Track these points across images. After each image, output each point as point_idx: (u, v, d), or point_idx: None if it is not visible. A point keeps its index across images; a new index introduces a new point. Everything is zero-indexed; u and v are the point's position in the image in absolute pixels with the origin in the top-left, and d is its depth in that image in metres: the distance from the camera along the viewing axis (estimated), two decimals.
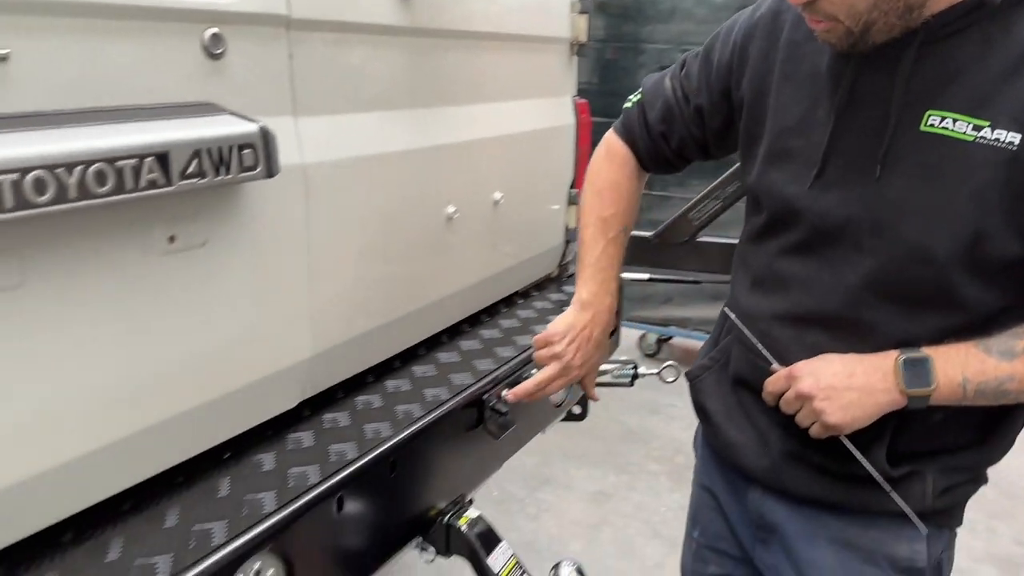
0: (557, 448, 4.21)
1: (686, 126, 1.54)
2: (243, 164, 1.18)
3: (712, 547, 1.64)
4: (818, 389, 1.23)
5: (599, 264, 1.60)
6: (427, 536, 1.63)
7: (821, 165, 1.26)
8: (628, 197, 1.65)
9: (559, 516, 3.67)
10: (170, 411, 1.25)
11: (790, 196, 1.30)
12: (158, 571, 1.11)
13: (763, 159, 1.36)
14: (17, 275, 1.01)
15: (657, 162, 1.63)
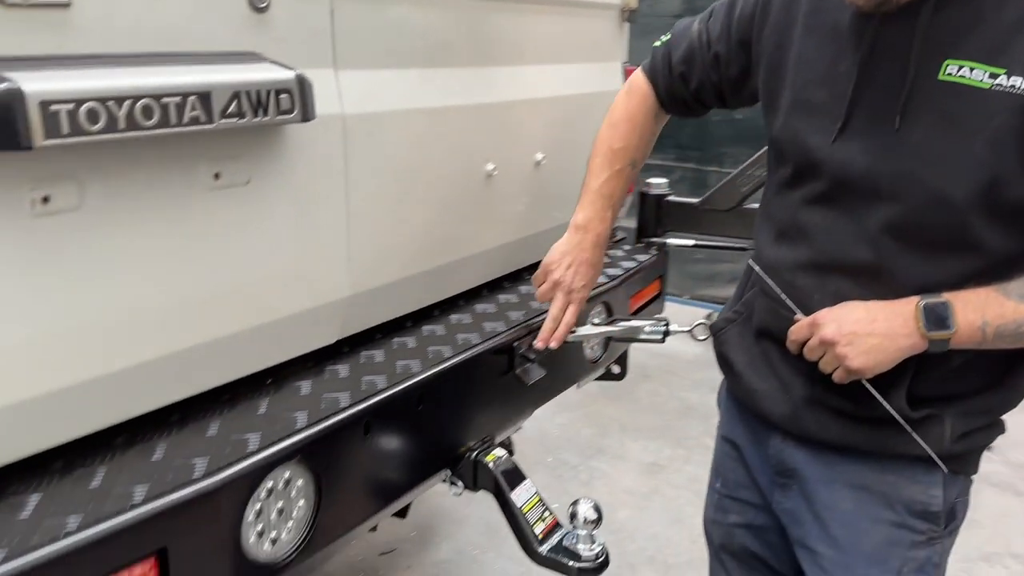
0: (614, 421, 4.27)
1: (704, 70, 1.60)
2: (280, 108, 1.29)
3: (733, 496, 1.68)
4: (841, 335, 1.27)
5: (600, 192, 1.70)
6: (455, 470, 1.73)
7: (845, 118, 1.31)
8: (640, 132, 1.71)
9: (611, 484, 3.73)
10: (213, 334, 1.37)
11: (813, 147, 1.35)
12: (196, 470, 1.23)
13: (787, 110, 1.40)
14: (76, 198, 1.14)
15: (675, 102, 1.69)
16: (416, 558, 3.18)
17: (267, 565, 1.33)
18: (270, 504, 1.32)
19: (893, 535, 1.41)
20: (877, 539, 1.41)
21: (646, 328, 1.91)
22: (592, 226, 1.72)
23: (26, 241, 1.10)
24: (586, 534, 1.66)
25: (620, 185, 1.74)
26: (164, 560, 1.16)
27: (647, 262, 2.40)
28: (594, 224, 1.72)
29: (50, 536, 1.05)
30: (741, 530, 1.68)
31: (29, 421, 1.15)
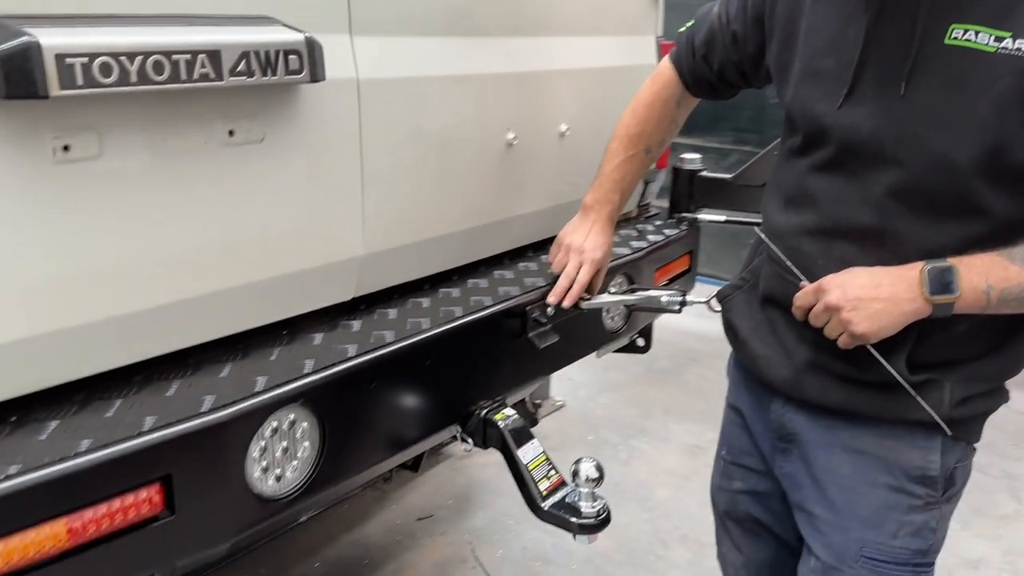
0: (658, 403, 4.28)
1: (725, 50, 1.63)
2: (289, 68, 1.36)
3: (737, 463, 1.71)
4: (846, 300, 1.29)
5: (611, 175, 1.78)
6: (465, 428, 1.79)
7: (851, 83, 1.32)
8: (658, 119, 1.76)
9: (651, 464, 3.75)
10: (228, 283, 1.46)
11: (820, 113, 1.36)
12: (203, 404, 1.32)
13: (796, 80, 1.42)
14: (96, 147, 1.24)
15: (700, 84, 1.72)
16: (451, 525, 3.26)
17: (271, 499, 1.41)
18: (275, 443, 1.40)
19: (890, 499, 1.41)
20: (874, 502, 1.42)
21: (663, 298, 1.94)
22: (599, 206, 1.82)
23: (48, 186, 1.20)
24: (588, 492, 1.70)
25: (632, 169, 1.80)
26: (169, 486, 1.25)
27: (674, 236, 2.42)
28: (601, 204, 1.81)
29: (60, 455, 1.15)
30: (744, 496, 1.70)
31: (49, 355, 1.25)
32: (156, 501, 1.25)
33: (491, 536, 3.18)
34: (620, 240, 2.34)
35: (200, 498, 1.30)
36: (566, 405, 4.22)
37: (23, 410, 1.27)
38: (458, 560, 3.07)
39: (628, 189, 1.84)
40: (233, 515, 1.37)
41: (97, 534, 1.19)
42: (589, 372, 4.57)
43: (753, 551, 1.73)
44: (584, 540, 1.72)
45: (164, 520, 1.26)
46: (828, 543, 1.46)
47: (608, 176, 1.81)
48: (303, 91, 1.48)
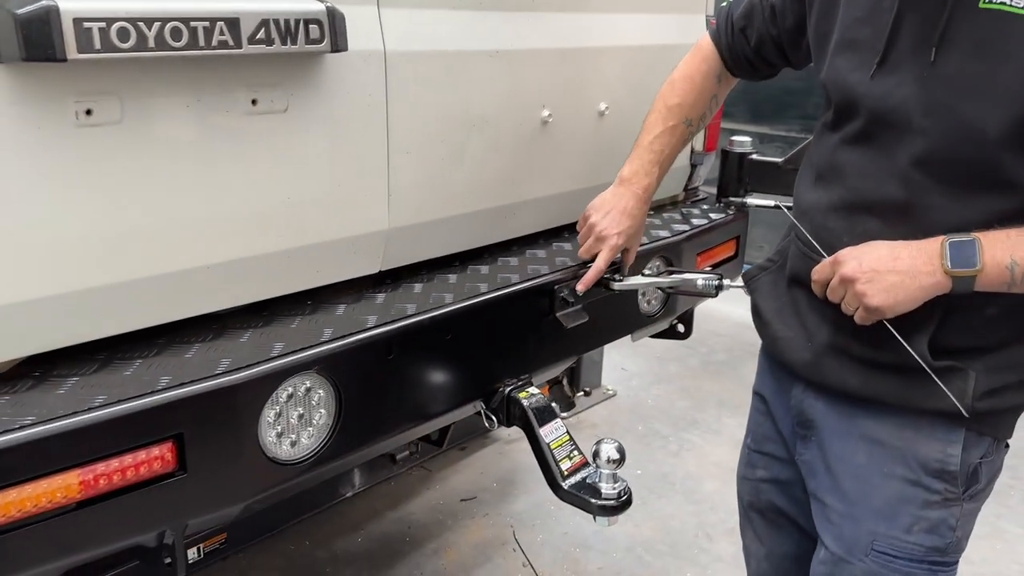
0: (713, 396, 4.20)
1: (764, 24, 1.58)
2: (309, 37, 1.37)
3: (760, 451, 1.66)
4: (861, 272, 1.24)
5: (650, 147, 1.73)
6: (489, 405, 1.79)
7: (884, 52, 1.28)
8: (698, 91, 1.72)
9: (700, 456, 3.68)
10: (250, 251, 1.48)
11: (852, 83, 1.32)
12: (219, 367, 1.35)
13: (832, 51, 1.37)
14: (118, 112, 1.27)
15: (738, 60, 1.68)
16: (494, 508, 3.27)
17: (286, 464, 1.43)
18: (290, 409, 1.42)
19: (905, 492, 1.35)
20: (887, 494, 1.36)
21: (699, 281, 1.89)
22: (636, 179, 1.75)
23: (70, 148, 1.23)
24: (609, 473, 1.67)
25: (671, 142, 1.75)
26: (181, 445, 1.28)
27: (719, 221, 2.36)
28: (638, 178, 1.75)
29: (73, 409, 1.19)
30: (767, 485, 1.66)
31: (71, 314, 1.29)
32: (168, 459, 1.28)
33: (532, 520, 3.18)
34: (662, 223, 2.30)
35: (212, 458, 1.33)
36: (617, 394, 4.18)
37: (46, 366, 1.31)
38: (499, 542, 3.07)
39: (667, 163, 1.78)
40: (246, 477, 1.39)
41: (109, 487, 1.22)
42: (643, 362, 4.52)
43: (775, 542, 1.69)
44: (604, 522, 1.70)
45: (176, 478, 1.29)
46: (839, 534, 1.41)
47: (646, 148, 1.75)
48: (327, 62, 1.49)
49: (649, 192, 1.77)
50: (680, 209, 2.47)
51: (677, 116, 1.73)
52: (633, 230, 1.77)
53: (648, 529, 3.18)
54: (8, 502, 1.13)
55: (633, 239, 1.79)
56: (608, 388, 4.18)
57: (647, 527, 3.19)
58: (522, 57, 1.87)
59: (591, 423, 3.89)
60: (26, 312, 1.25)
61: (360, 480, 3.05)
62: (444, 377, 1.66)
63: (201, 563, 2.50)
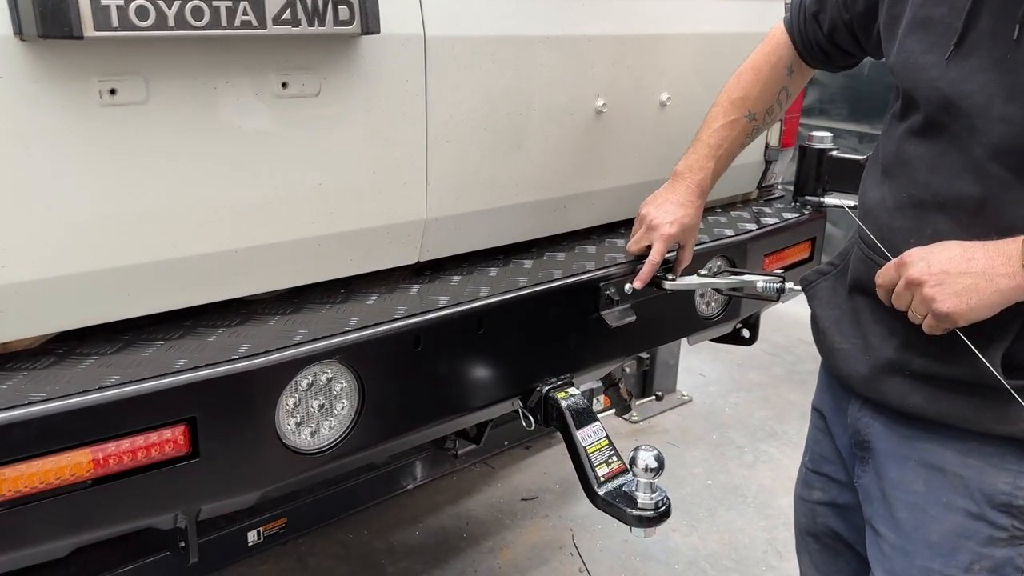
0: (795, 407, 4.00)
1: (837, 8, 1.48)
2: (338, 18, 1.34)
3: (817, 471, 1.54)
4: (929, 274, 1.13)
5: (707, 141, 1.65)
6: (527, 403, 1.72)
7: (961, 32, 1.16)
8: (764, 83, 1.62)
9: (777, 470, 3.51)
10: (279, 236, 1.46)
11: (925, 66, 1.21)
12: (239, 351, 1.33)
13: (904, 32, 1.26)
14: (143, 92, 1.27)
15: (810, 48, 1.57)
16: (554, 509, 3.20)
17: (305, 453, 1.41)
18: (309, 398, 1.40)
19: (966, 526, 1.21)
20: (946, 528, 1.23)
21: (759, 283, 1.78)
22: (689, 174, 1.68)
23: (95, 127, 1.24)
24: (646, 482, 1.58)
25: (731, 136, 1.66)
26: (194, 428, 1.27)
27: (792, 221, 2.22)
28: (692, 172, 1.68)
29: (83, 387, 1.19)
30: (824, 508, 1.53)
31: (93, 294, 1.30)
32: (180, 442, 1.27)
33: (593, 525, 3.09)
34: (728, 221, 2.18)
35: (226, 444, 1.31)
36: (692, 400, 4.03)
37: (72, 343, 1.33)
38: (556, 545, 3.00)
39: (725, 158, 1.69)
40: (262, 465, 1.37)
41: (119, 468, 1.22)
42: (723, 368, 4.36)
43: (832, 569, 1.56)
44: (640, 533, 1.61)
45: (188, 462, 1.28)
46: (890, 568, 1.28)
47: (704, 142, 1.67)
48: (362, 45, 1.46)
49: (703, 188, 1.69)
50: (751, 207, 2.34)
51: (739, 109, 1.64)
52: (688, 221, 1.68)
53: (714, 542, 3.05)
54: (16, 476, 1.14)
55: (688, 233, 1.71)
56: (683, 393, 4.04)
57: (713, 540, 3.06)
58: (576, 44, 1.80)
59: (662, 428, 3.77)
60: (51, 290, 1.26)
61: (422, 473, 3.04)
62: (475, 373, 1.61)
63: (261, 546, 2.54)
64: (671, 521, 3.03)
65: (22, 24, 1.13)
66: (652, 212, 1.68)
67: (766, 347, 4.56)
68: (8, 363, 1.26)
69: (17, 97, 1.17)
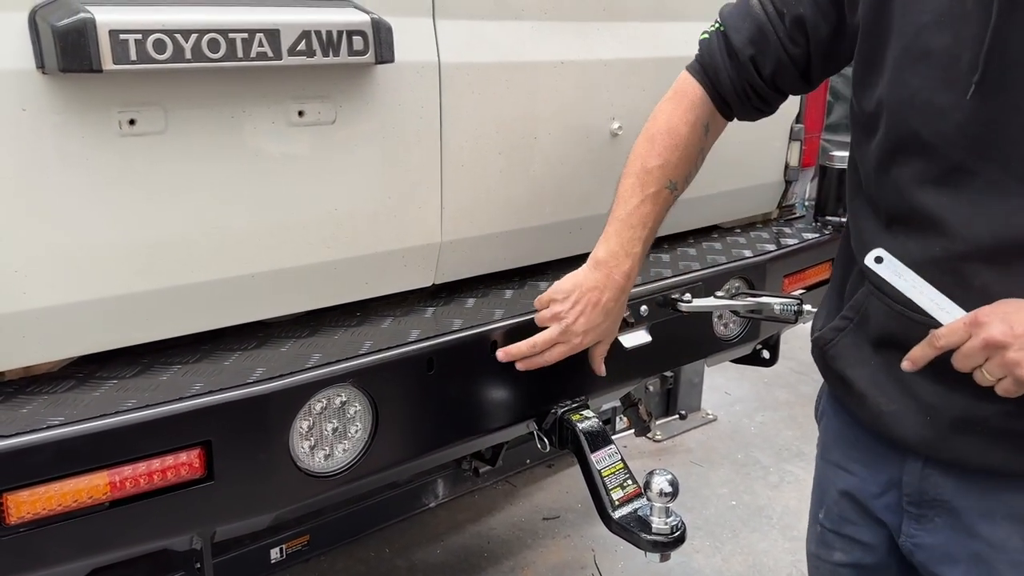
0: None
1: (782, 45, 1.33)
2: (352, 48, 1.37)
3: (838, 532, 1.44)
4: (1013, 337, 1.04)
5: (627, 221, 1.46)
6: (541, 426, 1.72)
7: (984, 66, 1.06)
8: (684, 148, 1.44)
9: (802, 491, 3.45)
10: (297, 261, 1.49)
11: (941, 106, 1.11)
12: (254, 375, 1.36)
13: (896, 65, 1.15)
14: (162, 122, 1.30)
15: (743, 98, 1.41)
16: (576, 529, 3.19)
17: (319, 476, 1.42)
18: (323, 421, 1.41)
19: None
20: None
21: (776, 305, 1.77)
22: (614, 262, 1.48)
23: (114, 157, 1.27)
24: (661, 507, 1.57)
25: (653, 212, 1.47)
26: (209, 452, 1.29)
27: (812, 241, 2.20)
28: (617, 260, 1.47)
29: (101, 411, 1.22)
30: (847, 570, 1.44)
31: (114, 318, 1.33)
32: (196, 465, 1.29)
33: (615, 546, 3.07)
34: (747, 241, 2.17)
35: (240, 467, 1.33)
36: (717, 419, 4.00)
37: (92, 367, 1.36)
38: (577, 566, 2.99)
39: (650, 237, 1.50)
40: (276, 488, 1.39)
41: (137, 490, 1.25)
42: (748, 387, 4.32)
43: None
44: (655, 558, 1.60)
45: (203, 484, 1.30)
46: None
47: (624, 223, 1.46)
48: (377, 73, 1.48)
49: (630, 277, 1.50)
50: (771, 227, 2.33)
51: (659, 180, 1.44)
52: (605, 329, 1.53)
53: (738, 564, 3.02)
54: (36, 499, 1.17)
55: (604, 336, 1.55)
56: (708, 412, 4.01)
57: (737, 562, 3.03)
58: (590, 68, 1.81)
59: (686, 448, 3.75)
60: (72, 315, 1.29)
61: (443, 491, 3.04)
62: (489, 395, 1.62)
63: (283, 563, 2.56)
64: (694, 542, 3.05)
65: (44, 58, 1.16)
66: (568, 314, 1.49)
67: (793, 365, 4.51)
68: (30, 387, 1.29)
69: (40, 128, 1.20)
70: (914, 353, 1.14)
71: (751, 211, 2.34)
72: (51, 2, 1.17)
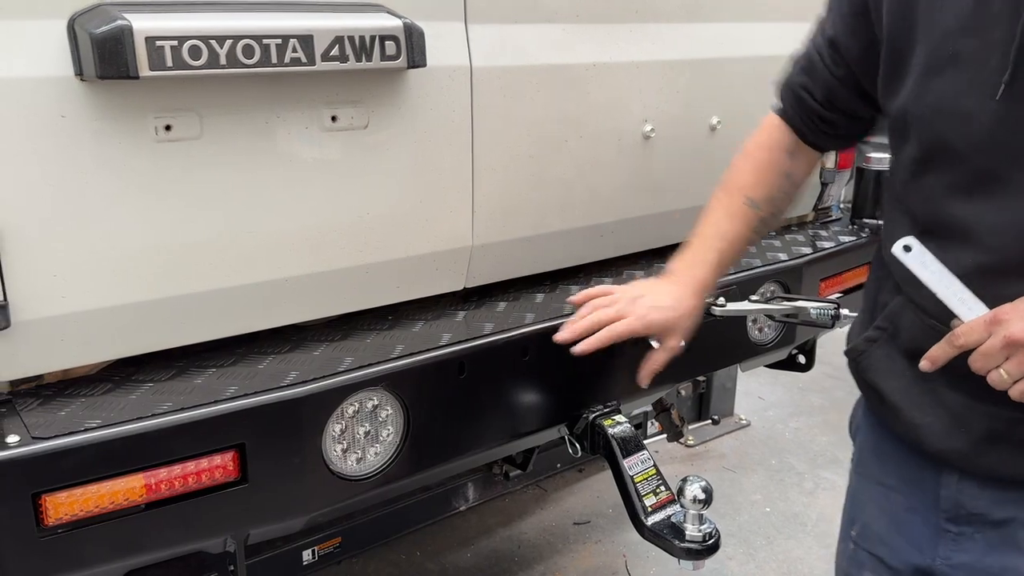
0: None
1: (827, 68, 1.35)
2: (385, 53, 1.37)
3: (871, 552, 1.40)
4: None
5: (704, 232, 1.51)
6: (573, 430, 1.71)
7: (1013, 67, 1.03)
8: (760, 168, 1.49)
9: (837, 497, 3.37)
10: (329, 266, 1.49)
11: (968, 111, 1.08)
12: (287, 378, 1.36)
13: (922, 72, 1.13)
14: (197, 128, 1.31)
15: (810, 124, 1.43)
16: (607, 534, 3.17)
17: (351, 479, 1.43)
18: (355, 424, 1.42)
19: None
20: None
21: (812, 310, 1.75)
22: (685, 272, 1.51)
23: (151, 162, 1.28)
24: (695, 514, 1.56)
25: (732, 227, 1.49)
26: (243, 455, 1.30)
27: (848, 244, 2.17)
28: (689, 270, 1.51)
29: (137, 414, 1.23)
30: None
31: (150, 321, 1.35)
32: (230, 468, 1.30)
33: (647, 552, 3.05)
34: (782, 245, 2.15)
35: (274, 470, 1.34)
36: (751, 424, 3.96)
37: (130, 370, 1.37)
38: (608, 571, 2.97)
39: (729, 251, 1.51)
40: (309, 491, 1.39)
41: (172, 492, 1.26)
42: (783, 392, 4.27)
43: None
44: (688, 565, 1.58)
45: (237, 487, 1.31)
46: None
47: (701, 235, 1.50)
48: (409, 78, 1.48)
49: (703, 285, 1.52)
50: (807, 230, 2.29)
51: (736, 197, 1.49)
52: (676, 317, 1.51)
53: (772, 572, 2.98)
54: (73, 500, 1.18)
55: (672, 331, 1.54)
56: (741, 417, 3.97)
57: (771, 569, 2.99)
58: (622, 70, 1.80)
59: (719, 453, 3.71)
60: (109, 319, 1.31)
61: (474, 495, 3.04)
62: (520, 399, 1.61)
63: (315, 565, 2.58)
64: (728, 549, 3.02)
65: (82, 66, 1.18)
66: (638, 290, 1.52)
67: (828, 370, 4.44)
68: (68, 389, 1.31)
69: (78, 134, 1.22)
70: (933, 352, 1.12)
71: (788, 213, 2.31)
72: (89, 10, 1.18)
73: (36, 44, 1.17)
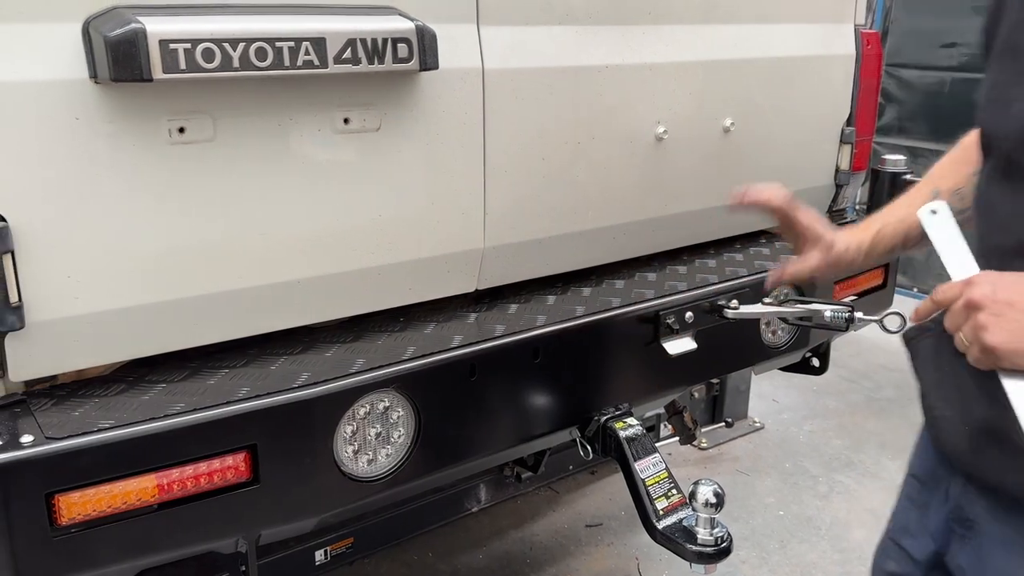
0: (874, 436, 3.87)
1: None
2: (397, 55, 1.37)
3: (897, 542, 1.41)
4: (992, 301, 1.02)
5: (883, 209, 1.51)
6: (584, 433, 1.71)
7: None
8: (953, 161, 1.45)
9: (852, 501, 3.39)
10: (341, 267, 1.50)
11: (1011, 98, 1.10)
12: (299, 379, 1.37)
13: (990, 66, 1.16)
14: (210, 130, 1.32)
15: None
16: (620, 537, 3.16)
17: (362, 480, 1.43)
18: (366, 426, 1.42)
19: None
20: None
21: (827, 313, 1.73)
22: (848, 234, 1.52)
23: (164, 164, 1.29)
24: (706, 518, 1.55)
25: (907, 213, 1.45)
26: (255, 456, 1.30)
27: None
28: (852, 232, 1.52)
29: (150, 415, 1.24)
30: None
31: (163, 322, 1.35)
32: (241, 469, 1.30)
33: (660, 554, 3.04)
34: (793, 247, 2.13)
35: (285, 471, 1.34)
36: (765, 427, 3.93)
37: (141, 371, 1.38)
38: (621, 574, 2.96)
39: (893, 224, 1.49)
40: (320, 492, 1.40)
41: (184, 493, 1.26)
42: (797, 395, 4.24)
43: None
44: (700, 569, 1.57)
45: (249, 488, 1.31)
46: None
47: (878, 213, 1.52)
48: (422, 80, 1.48)
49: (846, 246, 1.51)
50: None
51: (926, 185, 1.46)
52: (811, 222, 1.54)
53: None
54: (86, 500, 1.19)
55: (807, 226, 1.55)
56: (755, 420, 3.95)
57: (784, 573, 2.97)
58: (635, 72, 1.79)
59: (732, 456, 3.69)
60: (123, 320, 1.32)
61: (486, 496, 3.04)
62: (531, 402, 1.61)
63: (328, 565, 2.58)
64: (741, 553, 3.00)
65: (96, 68, 1.19)
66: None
67: (843, 373, 4.43)
68: (82, 390, 1.32)
69: (92, 136, 1.23)
70: (919, 306, 1.14)
71: None
72: (104, 13, 1.19)
73: (51, 47, 1.18)
